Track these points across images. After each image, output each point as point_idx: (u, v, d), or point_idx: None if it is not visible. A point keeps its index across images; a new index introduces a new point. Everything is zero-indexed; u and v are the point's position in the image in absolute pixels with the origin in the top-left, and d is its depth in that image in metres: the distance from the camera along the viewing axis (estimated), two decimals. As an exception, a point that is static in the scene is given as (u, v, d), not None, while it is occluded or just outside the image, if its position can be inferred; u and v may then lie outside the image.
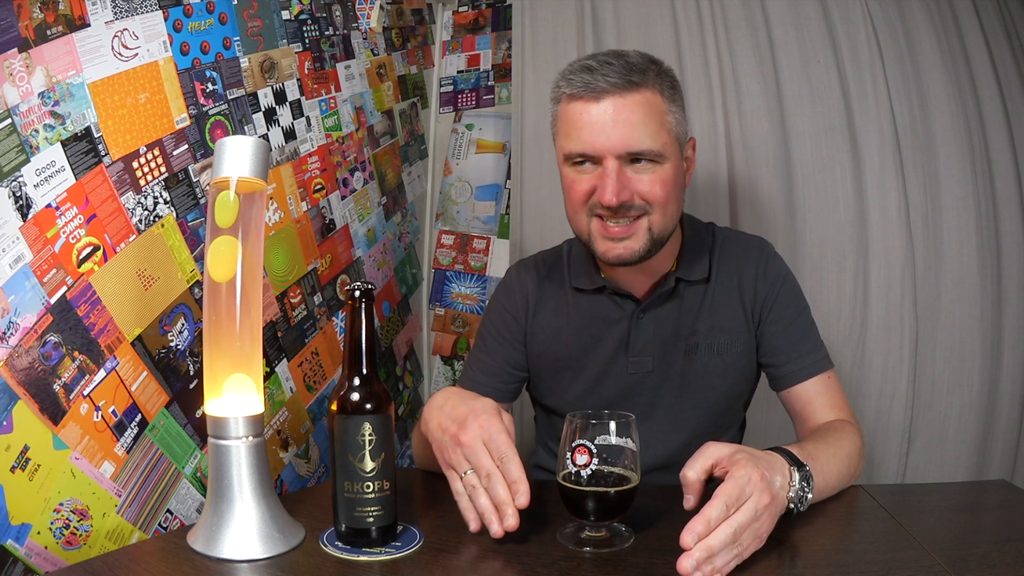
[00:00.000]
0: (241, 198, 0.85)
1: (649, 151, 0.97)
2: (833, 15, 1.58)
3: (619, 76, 0.96)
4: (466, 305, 2.00)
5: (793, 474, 0.82)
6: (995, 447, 1.57)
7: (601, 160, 0.98)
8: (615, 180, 0.97)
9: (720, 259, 1.12)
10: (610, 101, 0.96)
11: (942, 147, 1.56)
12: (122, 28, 1.01)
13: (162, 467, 1.07)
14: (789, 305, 1.10)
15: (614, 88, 0.96)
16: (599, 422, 0.79)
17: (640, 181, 0.98)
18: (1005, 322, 1.56)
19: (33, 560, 0.87)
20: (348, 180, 1.60)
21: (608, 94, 0.96)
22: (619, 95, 0.96)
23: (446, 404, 0.89)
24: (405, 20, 1.88)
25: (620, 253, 1.01)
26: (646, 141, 0.96)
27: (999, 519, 0.93)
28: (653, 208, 1.00)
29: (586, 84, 0.97)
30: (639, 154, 0.97)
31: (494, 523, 0.79)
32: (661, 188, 0.99)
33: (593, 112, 0.97)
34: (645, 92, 0.97)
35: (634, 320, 1.10)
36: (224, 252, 0.84)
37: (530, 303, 1.17)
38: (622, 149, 0.96)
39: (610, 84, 0.96)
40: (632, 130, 0.96)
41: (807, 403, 1.08)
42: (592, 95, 0.97)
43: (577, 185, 1.01)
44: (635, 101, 0.96)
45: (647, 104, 0.97)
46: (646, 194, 0.99)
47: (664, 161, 0.99)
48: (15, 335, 0.86)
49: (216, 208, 0.84)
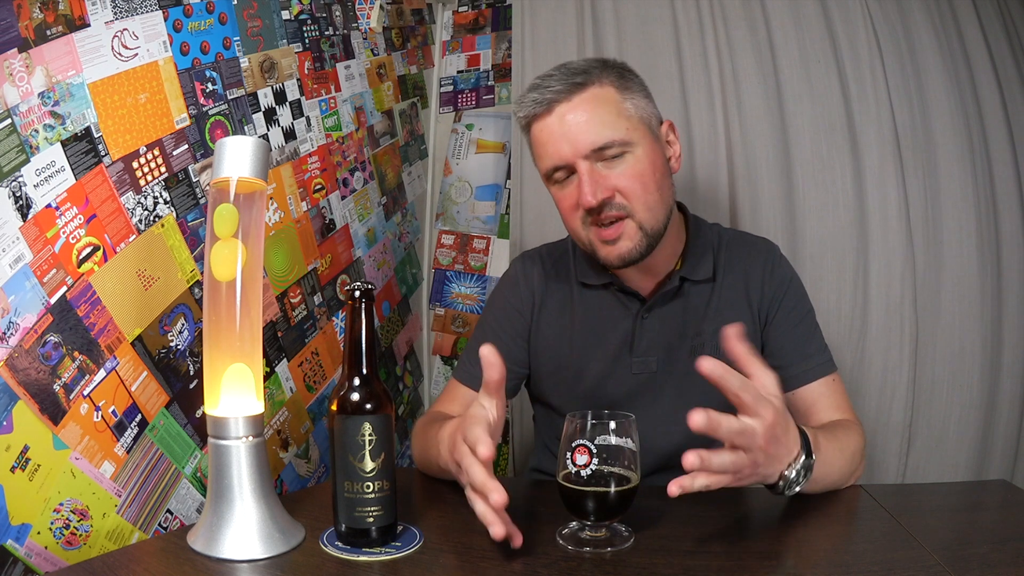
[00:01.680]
0: (241, 199, 0.85)
1: (612, 141, 0.98)
2: (833, 15, 1.58)
3: (561, 83, 1.00)
4: (466, 305, 2.00)
5: (799, 458, 0.84)
6: (995, 447, 1.57)
7: (574, 167, 1.00)
8: (589, 180, 0.99)
9: (726, 260, 1.12)
10: (560, 107, 1.00)
11: (942, 147, 1.56)
12: (122, 28, 1.01)
13: (162, 467, 1.08)
14: (795, 307, 1.10)
15: (559, 95, 1.00)
16: (599, 422, 0.79)
17: (616, 176, 1.00)
18: (1005, 322, 1.56)
19: (33, 560, 0.87)
20: (348, 180, 1.60)
21: (556, 102, 1.00)
22: (566, 99, 1.00)
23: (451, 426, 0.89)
24: (405, 20, 1.88)
25: (620, 253, 1.02)
26: (605, 132, 0.98)
27: (999, 519, 0.93)
28: (633, 206, 1.00)
29: (535, 101, 1.01)
30: (604, 147, 0.98)
31: (492, 526, 0.76)
32: (638, 182, 1.00)
33: (550, 123, 1.01)
34: (591, 88, 1.00)
35: (638, 319, 1.10)
36: (225, 252, 0.84)
37: (536, 298, 1.17)
38: (586, 148, 0.99)
39: (555, 92, 1.00)
40: (588, 126, 0.98)
41: (811, 405, 1.07)
42: (544, 108, 1.01)
43: (564, 200, 1.04)
44: (582, 99, 1.00)
45: (595, 98, 1.00)
46: (623, 189, 1.00)
47: (634, 148, 1.00)
48: (15, 335, 0.86)
49: (215, 220, 0.84)
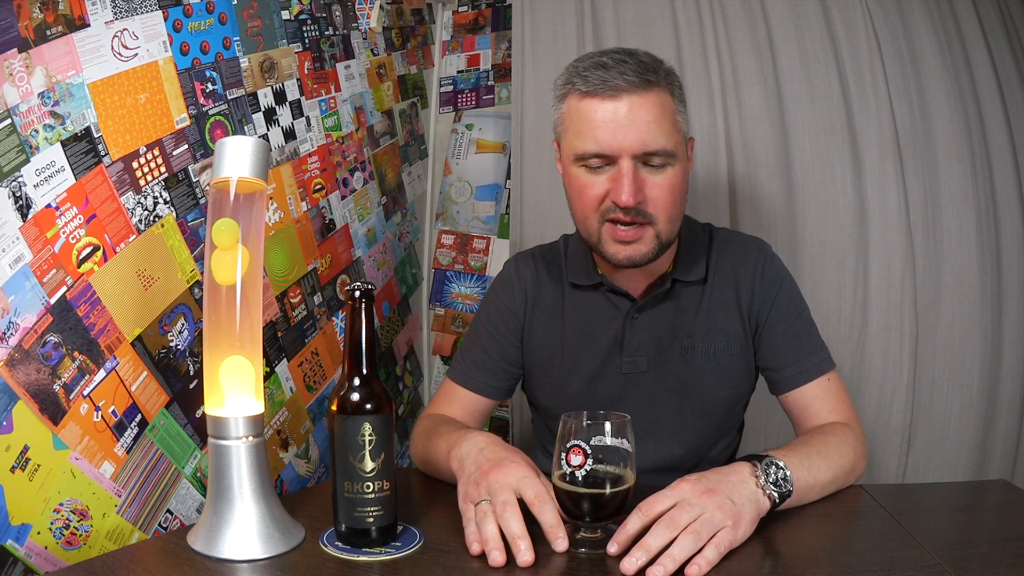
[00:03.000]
0: (241, 199, 0.85)
1: (663, 150, 0.96)
2: (833, 15, 1.58)
3: (636, 75, 0.95)
4: (466, 305, 2.00)
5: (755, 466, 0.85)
6: (995, 447, 1.57)
7: (616, 160, 0.97)
8: (631, 180, 0.96)
9: (717, 260, 1.12)
10: (628, 99, 0.95)
11: (942, 147, 1.56)
12: (122, 28, 1.01)
13: (162, 467, 1.08)
14: (787, 308, 1.10)
15: (631, 86, 0.94)
16: (594, 422, 0.79)
17: (653, 185, 0.98)
18: (1005, 322, 1.56)
19: (33, 560, 0.87)
20: (348, 180, 1.60)
21: (626, 92, 0.95)
22: (637, 94, 0.95)
23: (487, 448, 0.89)
24: (405, 20, 1.88)
25: (630, 255, 1.01)
26: (661, 140, 0.96)
27: (999, 519, 0.93)
28: (658, 219, 0.99)
29: (603, 81, 0.95)
30: (654, 153, 0.96)
31: (495, 551, 0.76)
32: (670, 195, 0.99)
33: (611, 109, 0.95)
34: (659, 91, 0.96)
35: (628, 320, 1.10)
36: (227, 258, 0.84)
37: (529, 298, 1.16)
38: (639, 149, 0.95)
39: (627, 82, 0.94)
40: (649, 129, 0.95)
41: (805, 407, 1.07)
42: (610, 93, 0.95)
43: (590, 189, 1.00)
44: (651, 100, 0.95)
45: (661, 103, 0.96)
46: (656, 199, 0.98)
47: (675, 162, 0.98)
48: (15, 335, 0.86)
49: (215, 233, 0.84)
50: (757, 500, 0.82)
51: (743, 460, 0.87)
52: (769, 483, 0.84)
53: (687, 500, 0.78)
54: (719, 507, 0.78)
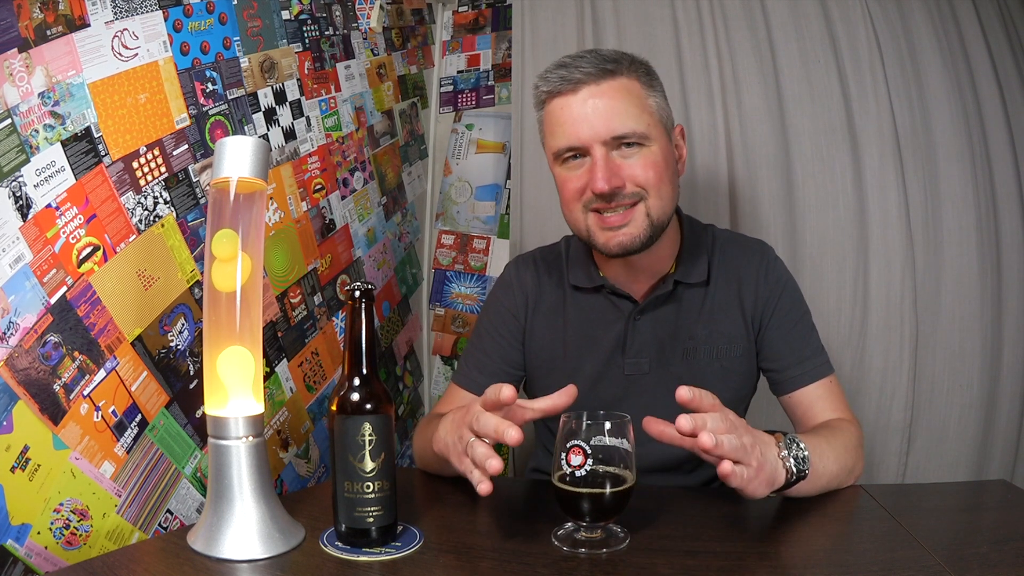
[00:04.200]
0: (241, 198, 0.85)
1: (633, 132, 0.98)
2: (833, 15, 1.58)
3: (592, 66, 0.99)
4: (466, 305, 2.00)
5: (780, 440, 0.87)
6: (995, 447, 1.57)
7: (588, 151, 1.00)
8: (604, 166, 0.98)
9: (720, 262, 1.12)
10: (587, 89, 0.99)
11: (942, 147, 1.56)
12: (122, 28, 1.01)
13: (162, 467, 1.08)
14: (790, 310, 1.10)
15: (588, 77, 0.99)
16: (594, 423, 0.79)
17: (630, 166, 1.00)
18: (1005, 322, 1.56)
19: (33, 560, 0.87)
20: (348, 180, 1.60)
21: (584, 83, 0.99)
22: (595, 83, 0.99)
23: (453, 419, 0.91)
24: (405, 20, 1.88)
25: (621, 240, 1.01)
26: (629, 123, 0.98)
27: (999, 519, 0.93)
28: (648, 192, 1.00)
29: (562, 78, 1.00)
30: (624, 137, 0.98)
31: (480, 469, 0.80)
32: (653, 170, 1.00)
33: (573, 103, 1.00)
34: (620, 78, 1.00)
35: (631, 321, 1.10)
36: (227, 268, 0.84)
37: (529, 301, 1.17)
38: (606, 134, 0.98)
39: (584, 74, 0.99)
40: (613, 114, 0.98)
41: (808, 408, 1.07)
42: (569, 87, 1.00)
43: (569, 183, 1.03)
44: (612, 87, 0.99)
45: (624, 89, 0.99)
46: (638, 178, 1.00)
47: (651, 143, 1.00)
48: (15, 335, 0.86)
49: (214, 245, 0.84)
50: (776, 468, 0.84)
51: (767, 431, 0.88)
52: (791, 457, 0.85)
53: (734, 423, 0.81)
54: (754, 445, 0.81)
